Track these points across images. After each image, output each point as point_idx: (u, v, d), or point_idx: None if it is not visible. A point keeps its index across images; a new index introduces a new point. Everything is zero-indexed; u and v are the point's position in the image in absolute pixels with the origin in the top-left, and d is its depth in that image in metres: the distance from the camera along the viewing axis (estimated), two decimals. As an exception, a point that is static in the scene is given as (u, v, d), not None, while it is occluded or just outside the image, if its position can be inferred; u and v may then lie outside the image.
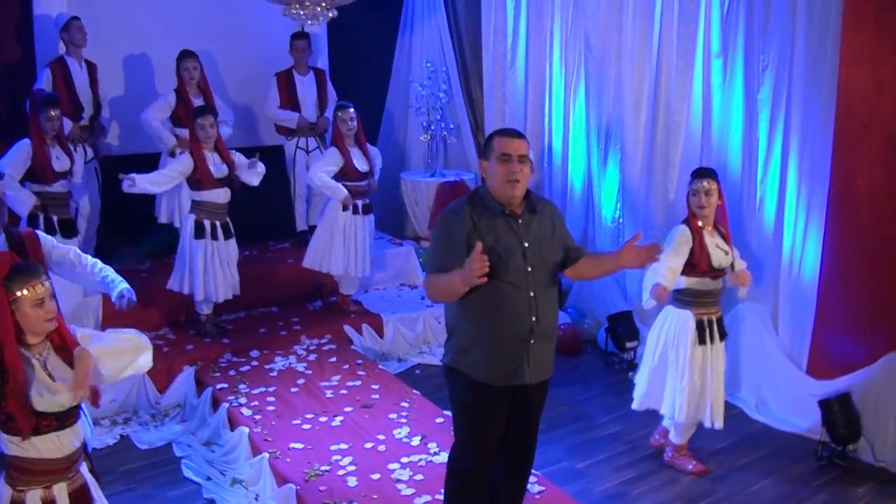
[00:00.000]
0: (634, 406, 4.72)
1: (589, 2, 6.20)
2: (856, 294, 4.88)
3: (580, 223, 6.66)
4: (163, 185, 5.48)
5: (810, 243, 5.06)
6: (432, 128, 7.19)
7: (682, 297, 4.49)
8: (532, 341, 3.20)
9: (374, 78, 7.49)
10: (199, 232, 5.49)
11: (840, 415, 4.73)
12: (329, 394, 5.08)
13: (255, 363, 5.51)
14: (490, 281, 3.02)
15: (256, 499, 4.28)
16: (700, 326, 4.44)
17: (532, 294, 3.17)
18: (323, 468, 4.21)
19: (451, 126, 7.31)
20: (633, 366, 5.88)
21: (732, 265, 4.51)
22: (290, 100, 6.69)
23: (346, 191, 5.85)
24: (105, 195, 6.09)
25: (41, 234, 3.82)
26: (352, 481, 4.10)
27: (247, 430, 4.63)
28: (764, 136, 5.25)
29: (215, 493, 4.40)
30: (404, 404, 4.97)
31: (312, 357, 5.63)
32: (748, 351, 5.46)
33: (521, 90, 7.02)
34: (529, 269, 3.18)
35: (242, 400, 4.98)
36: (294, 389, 5.14)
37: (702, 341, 4.44)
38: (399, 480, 4.10)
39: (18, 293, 2.73)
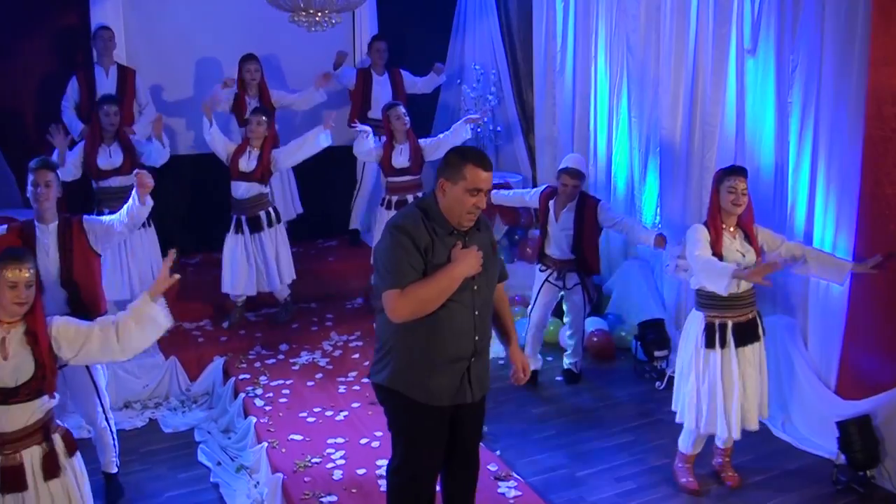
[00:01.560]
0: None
1: (629, 2, 6.09)
2: (885, 311, 4.60)
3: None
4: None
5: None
6: (479, 130, 7.21)
7: (698, 299, 4.39)
8: (473, 359, 3.17)
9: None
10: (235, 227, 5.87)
11: (857, 438, 4.47)
12: (342, 389, 5.24)
13: (281, 356, 5.73)
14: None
15: (256, 486, 4.47)
16: (710, 330, 4.30)
17: (476, 313, 3.14)
18: (314, 460, 4.36)
19: (499, 128, 7.32)
20: (662, 375, 5.75)
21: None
22: (364, 97, 6.88)
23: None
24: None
25: (87, 217, 4.23)
26: (337, 474, 4.23)
27: (255, 419, 4.84)
28: (794, 140, 5.02)
29: (221, 477, 4.62)
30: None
31: (337, 353, 5.80)
32: (777, 366, 5.22)
33: (570, 92, 6.96)
34: (476, 287, 3.14)
35: (259, 391, 5.20)
36: (310, 383, 5.33)
37: (709, 345, 4.29)
38: (382, 477, 4.18)
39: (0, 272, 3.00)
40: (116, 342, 3.30)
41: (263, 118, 5.84)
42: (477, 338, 3.15)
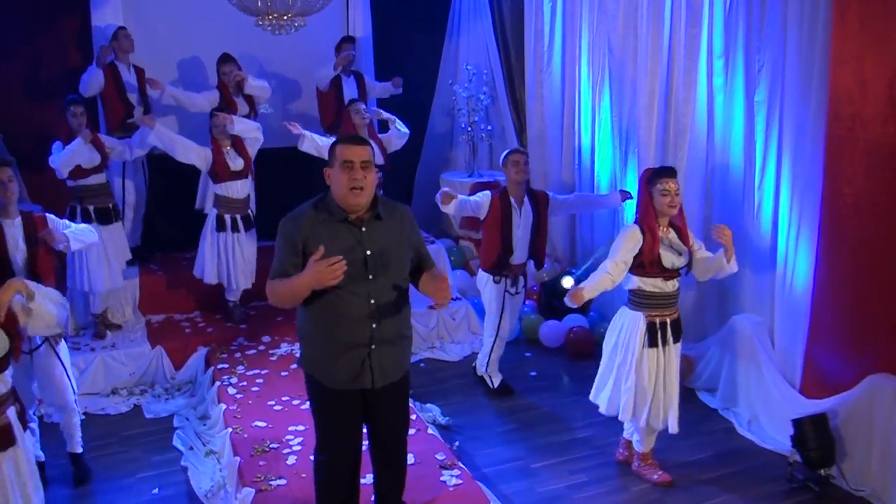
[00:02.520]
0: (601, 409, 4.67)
1: (609, 2, 6.14)
2: (845, 310, 4.60)
3: (608, 225, 6.58)
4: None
5: (803, 254, 4.81)
6: (469, 129, 7.32)
7: (633, 299, 4.44)
8: (374, 347, 3.28)
9: (420, 80, 7.71)
10: (219, 225, 6.03)
11: (812, 436, 4.48)
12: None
13: (262, 348, 5.93)
14: (332, 288, 3.13)
15: (221, 470, 4.66)
16: (651, 329, 4.36)
17: (373, 302, 3.23)
18: (272, 445, 4.52)
19: (490, 127, 7.42)
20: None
21: (690, 265, 4.40)
22: (336, 96, 7.05)
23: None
24: (152, 187, 6.70)
25: (50, 216, 4.45)
26: (291, 459, 4.38)
27: (224, 406, 5.03)
28: (761, 139, 5.04)
29: (190, 461, 4.82)
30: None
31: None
32: (745, 364, 5.25)
33: (558, 91, 7.03)
34: (371, 276, 3.22)
35: (234, 380, 5.40)
36: (284, 373, 5.50)
37: (652, 344, 4.36)
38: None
39: None
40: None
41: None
42: (374, 325, 3.25)
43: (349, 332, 3.25)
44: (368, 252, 3.22)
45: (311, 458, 3.60)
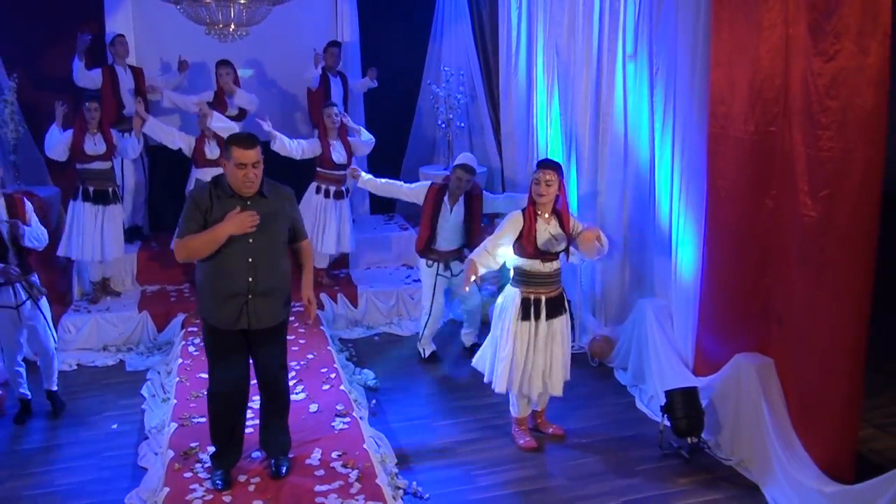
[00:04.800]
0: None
1: (556, 8, 6.63)
2: (723, 295, 5.00)
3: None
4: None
5: (690, 243, 5.22)
6: (444, 126, 7.92)
7: (514, 276, 4.93)
8: (251, 296, 4.02)
9: (405, 81, 8.35)
10: None
11: (680, 406, 4.88)
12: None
13: (234, 315, 6.70)
14: (219, 249, 3.93)
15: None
16: (525, 304, 4.84)
17: (250, 260, 3.98)
18: (204, 392, 5.16)
19: (462, 125, 8.01)
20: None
21: (567, 251, 4.88)
22: (325, 94, 7.74)
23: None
24: (153, 174, 7.59)
25: (28, 204, 5.31)
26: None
27: (181, 360, 5.82)
28: (658, 136, 5.47)
29: (149, 405, 5.62)
30: (323, 369, 5.75)
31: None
32: (648, 345, 5.67)
33: (524, 92, 7.53)
34: (250, 240, 3.97)
35: (197, 340, 6.18)
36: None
37: (524, 317, 4.84)
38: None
39: None
40: None
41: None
42: (250, 279, 4.00)
43: (231, 283, 4.01)
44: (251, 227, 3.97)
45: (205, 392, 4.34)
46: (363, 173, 6.39)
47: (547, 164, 4.83)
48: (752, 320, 4.80)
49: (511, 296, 4.92)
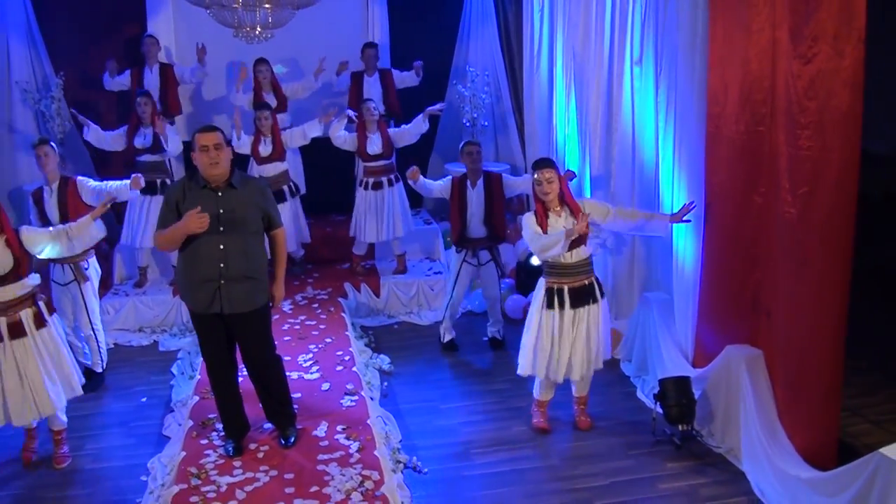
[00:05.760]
0: None
1: (573, 12, 6.85)
2: (718, 288, 5.18)
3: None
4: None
5: (691, 238, 5.40)
6: (469, 125, 8.19)
7: (542, 268, 5.21)
8: (223, 281, 4.33)
9: (433, 80, 8.61)
10: None
11: (672, 394, 5.07)
12: (285, 327, 6.49)
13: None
14: (195, 236, 4.26)
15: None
16: (549, 293, 5.09)
17: (222, 247, 4.29)
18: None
19: (486, 124, 8.27)
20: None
21: (582, 237, 5.01)
22: (358, 95, 8.11)
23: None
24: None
25: (80, 178, 5.81)
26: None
27: (207, 342, 6.20)
28: (661, 137, 5.66)
29: (177, 382, 6.04)
30: (339, 352, 6.05)
31: (303, 303, 7.06)
32: (651, 337, 5.87)
33: (545, 92, 7.74)
34: (221, 228, 4.29)
35: (225, 323, 6.56)
36: (266, 321, 6.62)
37: (549, 306, 5.08)
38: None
39: None
40: (67, 240, 4.97)
41: (267, 112, 7.24)
42: (222, 265, 4.31)
43: (204, 269, 4.34)
44: (221, 210, 4.30)
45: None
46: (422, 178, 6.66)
47: (543, 163, 5.08)
48: (744, 313, 4.97)
49: (540, 285, 5.19)
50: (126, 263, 7.62)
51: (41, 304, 4.77)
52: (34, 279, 4.79)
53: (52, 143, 5.85)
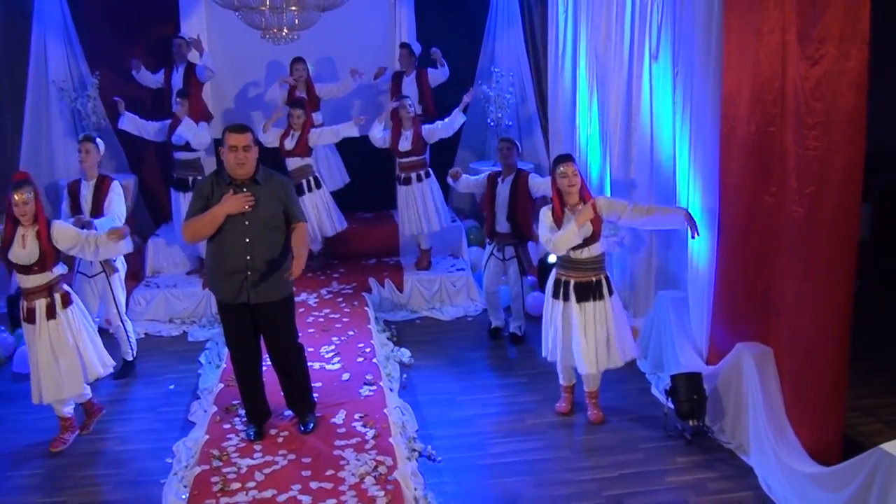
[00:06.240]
0: None
1: (596, 13, 6.94)
2: (731, 286, 5.24)
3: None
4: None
5: (706, 237, 5.46)
6: (493, 124, 8.32)
7: (557, 259, 5.38)
8: (249, 273, 4.52)
9: (459, 80, 8.70)
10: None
11: (683, 389, 5.15)
12: (309, 319, 6.67)
13: (286, 295, 7.28)
14: (220, 230, 4.46)
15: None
16: (556, 284, 5.27)
17: (247, 240, 4.49)
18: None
19: (510, 123, 8.39)
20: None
21: (594, 235, 5.17)
22: (397, 94, 8.25)
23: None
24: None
25: (115, 183, 6.03)
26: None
27: (232, 333, 6.41)
28: (678, 136, 5.73)
29: (204, 370, 6.25)
30: (360, 344, 6.25)
31: (328, 297, 7.25)
32: (665, 334, 5.95)
33: (569, 92, 7.83)
34: (246, 222, 4.48)
35: (250, 315, 6.76)
36: (291, 313, 6.81)
37: (555, 295, 5.26)
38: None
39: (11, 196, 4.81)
40: (94, 248, 5.15)
41: (300, 111, 7.45)
42: (248, 257, 4.50)
43: (231, 260, 4.55)
44: (246, 206, 4.48)
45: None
46: (463, 176, 6.85)
47: (568, 158, 5.24)
48: (756, 311, 5.03)
49: (552, 275, 5.38)
50: (157, 256, 7.87)
51: (57, 295, 5.00)
52: (60, 268, 5.06)
53: (97, 142, 6.09)
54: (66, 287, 5.12)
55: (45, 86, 8.10)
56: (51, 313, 4.95)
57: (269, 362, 4.96)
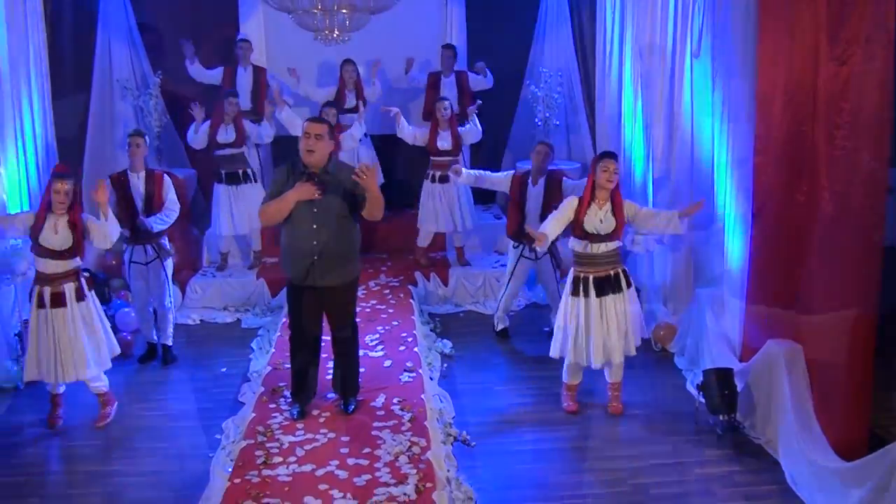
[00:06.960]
0: None
1: (641, 13, 7.03)
2: (764, 284, 5.31)
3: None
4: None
5: (740, 235, 5.54)
6: (541, 124, 8.48)
7: (573, 257, 5.51)
8: (316, 258, 4.81)
9: (508, 80, 8.91)
10: None
11: (714, 384, 5.23)
12: (356, 309, 6.91)
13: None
14: (291, 216, 4.76)
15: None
16: (576, 281, 5.41)
17: (315, 226, 4.78)
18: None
19: (558, 123, 8.54)
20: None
21: (615, 232, 5.33)
22: (434, 94, 8.46)
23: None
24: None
25: (167, 178, 6.35)
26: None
27: (285, 319, 6.68)
28: (717, 135, 5.81)
29: (255, 355, 6.57)
30: (403, 334, 6.50)
31: (375, 288, 7.51)
32: (703, 332, 6.02)
33: (615, 93, 7.94)
34: (315, 209, 4.77)
35: (300, 304, 7.06)
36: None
37: (574, 293, 5.40)
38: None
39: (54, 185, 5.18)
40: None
41: (333, 110, 7.61)
42: (315, 243, 4.78)
43: (300, 244, 4.85)
44: (315, 194, 4.76)
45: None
46: (464, 171, 6.96)
47: (612, 155, 5.44)
48: (787, 308, 5.10)
49: (570, 273, 5.50)
50: (213, 247, 8.24)
51: (83, 280, 5.37)
52: (79, 261, 5.39)
53: (147, 137, 6.44)
54: (83, 280, 5.41)
55: (109, 85, 8.50)
56: (80, 295, 5.30)
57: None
